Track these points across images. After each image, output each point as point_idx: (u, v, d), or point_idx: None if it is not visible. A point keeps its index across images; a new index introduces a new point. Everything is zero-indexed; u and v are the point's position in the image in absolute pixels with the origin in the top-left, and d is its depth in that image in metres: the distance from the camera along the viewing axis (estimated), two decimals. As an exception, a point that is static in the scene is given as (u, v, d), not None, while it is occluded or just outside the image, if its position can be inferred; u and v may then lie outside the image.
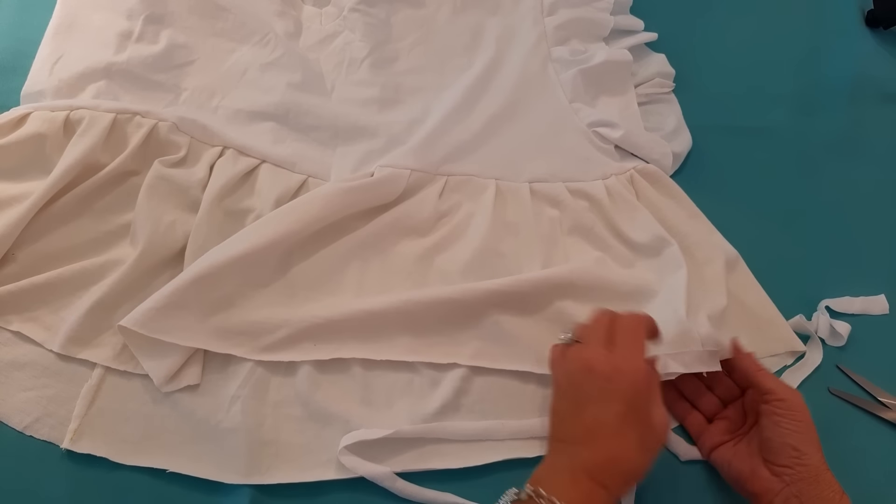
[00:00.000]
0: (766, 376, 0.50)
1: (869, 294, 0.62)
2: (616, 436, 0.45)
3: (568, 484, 0.43)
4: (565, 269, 0.57)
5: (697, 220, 0.63)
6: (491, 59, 0.69)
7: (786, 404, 0.48)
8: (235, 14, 0.68)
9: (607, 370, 0.46)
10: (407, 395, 0.54)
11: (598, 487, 0.43)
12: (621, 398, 0.45)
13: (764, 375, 0.50)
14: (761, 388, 0.50)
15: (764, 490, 0.48)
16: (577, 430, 0.46)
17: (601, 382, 0.46)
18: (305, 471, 0.51)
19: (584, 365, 0.47)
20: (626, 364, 0.46)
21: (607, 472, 0.44)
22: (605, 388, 0.45)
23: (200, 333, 0.52)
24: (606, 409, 0.45)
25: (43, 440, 0.50)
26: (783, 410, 0.48)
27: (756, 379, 0.50)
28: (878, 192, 0.69)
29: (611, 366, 0.46)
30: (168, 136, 0.60)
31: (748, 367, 0.51)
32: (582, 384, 0.47)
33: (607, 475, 0.44)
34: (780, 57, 0.77)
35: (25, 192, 0.56)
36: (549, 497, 0.42)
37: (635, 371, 0.46)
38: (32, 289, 0.53)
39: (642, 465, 0.45)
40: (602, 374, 0.46)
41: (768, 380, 0.50)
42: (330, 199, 0.57)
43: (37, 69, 0.63)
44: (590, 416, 0.45)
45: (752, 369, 0.51)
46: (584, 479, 0.44)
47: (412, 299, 0.54)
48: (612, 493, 0.44)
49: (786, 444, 0.47)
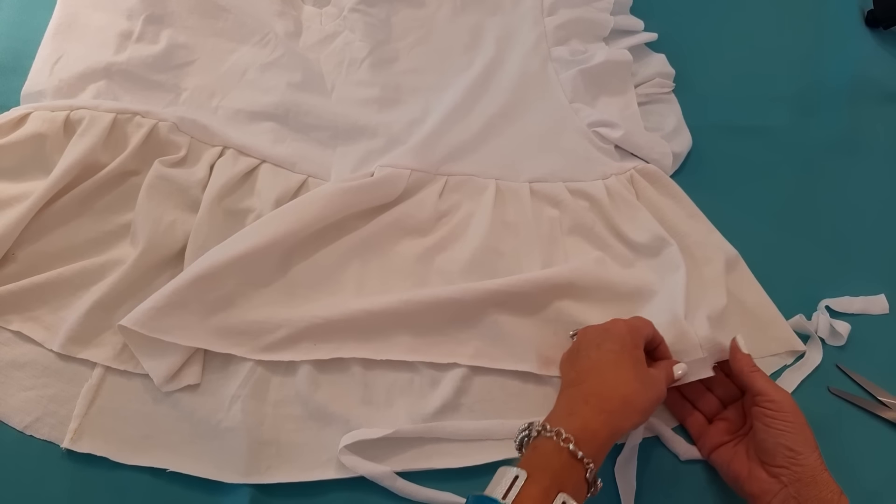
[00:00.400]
0: (758, 377, 0.50)
1: (869, 294, 0.62)
2: (612, 368, 0.47)
3: (566, 417, 0.45)
4: (565, 269, 0.57)
5: (697, 219, 0.63)
6: (491, 59, 0.69)
7: (776, 405, 0.48)
8: (235, 14, 0.68)
9: (605, 325, 0.51)
10: (407, 395, 0.54)
11: (597, 412, 0.44)
12: (616, 339, 0.48)
13: (757, 376, 0.50)
14: (753, 388, 0.50)
15: (761, 491, 0.48)
16: (575, 374, 0.48)
17: (598, 332, 0.50)
18: (305, 470, 0.51)
19: (581, 332, 0.52)
20: (622, 321, 0.50)
21: (604, 398, 0.45)
22: (600, 335, 0.49)
23: (200, 333, 0.52)
24: (601, 349, 0.48)
25: (43, 440, 0.51)
26: (773, 411, 0.48)
27: (749, 379, 0.50)
28: (877, 192, 0.69)
29: (610, 321, 0.51)
30: (168, 135, 0.60)
31: (742, 368, 0.51)
32: (580, 342, 0.50)
33: (605, 400, 0.45)
34: (780, 57, 0.77)
35: (26, 192, 0.56)
36: (552, 428, 0.43)
37: (632, 325, 0.50)
38: (33, 288, 0.53)
39: (641, 394, 0.46)
40: (599, 327, 0.51)
41: (760, 381, 0.50)
42: (330, 199, 0.57)
43: (37, 69, 0.63)
44: (586, 359, 0.48)
45: (746, 370, 0.51)
46: (580, 406, 0.45)
47: (412, 299, 0.54)
48: (614, 417, 0.44)
49: (779, 445, 0.47)
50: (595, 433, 0.43)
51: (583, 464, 0.42)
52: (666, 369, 0.50)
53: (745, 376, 0.51)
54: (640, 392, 0.46)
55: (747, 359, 0.52)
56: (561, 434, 0.42)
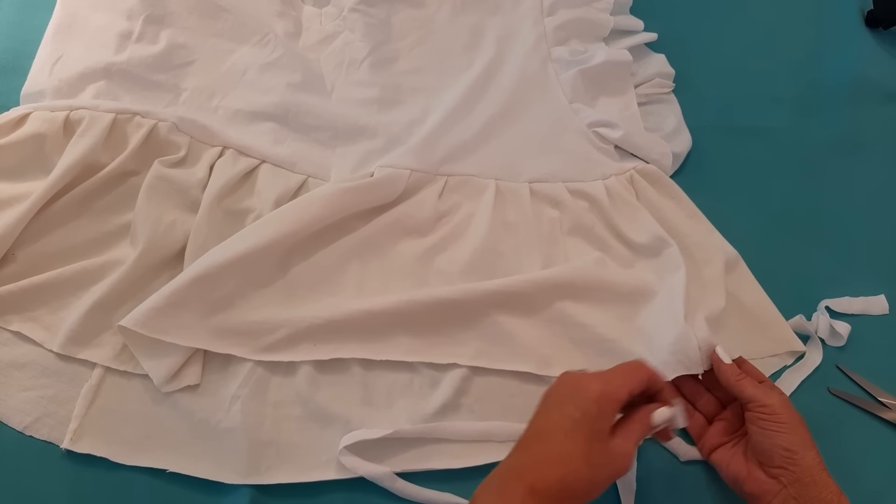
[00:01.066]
0: (746, 385, 0.50)
1: (869, 294, 0.62)
2: (563, 440, 0.42)
3: (495, 498, 0.40)
4: (565, 269, 0.57)
5: (697, 220, 0.63)
6: (491, 59, 0.69)
7: (769, 408, 0.48)
8: (235, 14, 0.68)
9: (579, 382, 0.44)
10: (407, 395, 0.54)
11: (530, 492, 0.40)
12: (579, 406, 0.43)
13: (744, 384, 0.50)
14: (742, 396, 0.50)
15: (761, 491, 0.48)
16: (527, 433, 0.44)
17: (567, 391, 0.44)
18: (305, 471, 0.51)
19: (562, 377, 0.46)
20: (599, 380, 0.44)
21: (542, 476, 0.40)
22: (568, 393, 0.44)
23: (200, 333, 0.52)
24: (560, 411, 0.43)
25: (43, 440, 0.51)
26: (766, 414, 0.48)
27: (737, 388, 0.50)
28: (878, 192, 0.69)
29: (583, 379, 0.44)
30: (168, 136, 0.60)
31: (728, 378, 0.51)
32: (551, 393, 0.45)
33: (541, 479, 0.40)
34: (780, 57, 0.77)
35: (25, 192, 0.56)
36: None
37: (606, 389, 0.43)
38: (32, 289, 0.53)
39: (585, 479, 0.41)
40: (571, 384, 0.44)
41: (748, 388, 0.50)
42: (330, 199, 0.57)
43: (37, 69, 0.63)
44: (544, 419, 0.44)
45: (733, 380, 0.50)
46: (514, 486, 0.40)
47: (412, 299, 0.54)
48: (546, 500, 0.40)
49: (775, 446, 0.47)
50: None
51: None
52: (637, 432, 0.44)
53: (732, 386, 0.50)
54: (583, 476, 0.41)
55: (731, 368, 0.51)
56: None
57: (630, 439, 0.43)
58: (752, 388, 0.50)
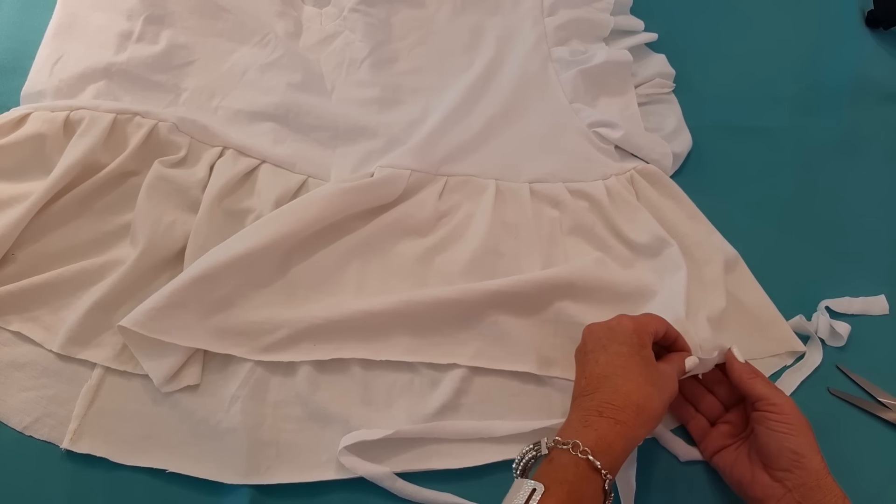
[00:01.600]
0: (758, 383, 0.50)
1: (869, 294, 0.62)
2: (622, 373, 0.46)
3: (581, 429, 0.44)
4: (565, 269, 0.57)
5: (697, 220, 0.63)
6: (491, 59, 0.69)
7: (778, 408, 0.48)
8: (235, 14, 0.68)
9: (610, 323, 0.49)
10: (407, 395, 0.54)
11: (612, 423, 0.43)
12: (623, 340, 0.47)
13: (756, 382, 0.50)
14: (753, 394, 0.50)
15: (765, 495, 0.47)
16: (586, 383, 0.47)
17: (604, 333, 0.49)
18: (305, 471, 0.51)
19: (588, 329, 0.51)
20: (628, 318, 0.49)
21: (618, 407, 0.44)
22: (607, 337, 0.48)
23: (200, 333, 0.52)
24: (609, 352, 0.47)
25: (43, 440, 0.50)
26: (775, 415, 0.48)
27: (748, 386, 0.50)
28: (878, 192, 0.69)
29: (614, 320, 0.49)
30: (168, 136, 0.60)
31: (741, 376, 0.51)
32: (587, 344, 0.49)
33: (618, 410, 0.44)
34: (781, 57, 0.77)
35: (25, 193, 0.56)
36: (568, 441, 0.42)
37: (639, 323, 0.49)
38: (32, 289, 0.53)
39: (654, 399, 0.45)
40: (604, 326, 0.49)
41: (760, 386, 0.50)
42: (330, 199, 0.57)
43: (37, 69, 0.64)
44: (594, 364, 0.47)
45: (745, 377, 0.51)
46: (595, 419, 0.44)
47: (412, 299, 0.54)
48: (630, 428, 0.44)
49: (783, 448, 0.47)
50: (611, 445, 0.43)
51: (601, 475, 0.42)
52: (677, 363, 0.50)
53: (744, 384, 0.50)
54: (652, 397, 0.45)
55: (745, 367, 0.51)
56: (578, 446, 0.42)
57: (673, 367, 0.49)
58: (763, 387, 0.50)
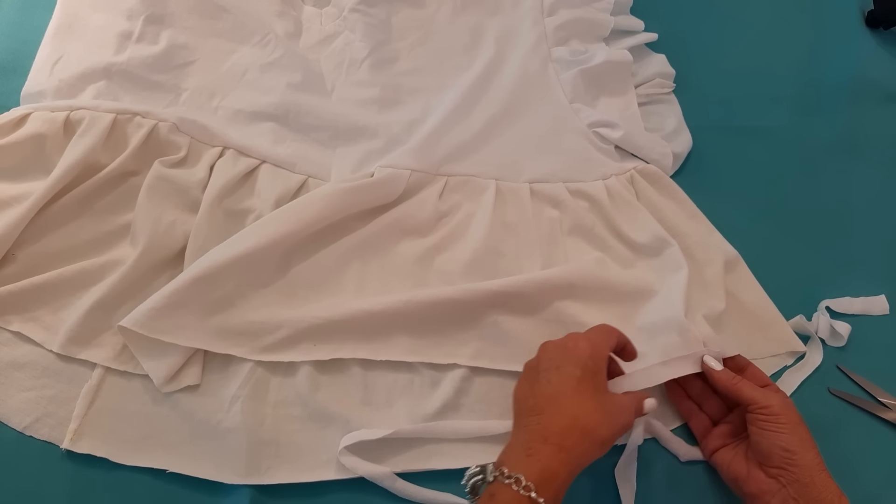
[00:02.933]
0: (743, 388, 0.50)
1: (869, 294, 0.62)
2: (572, 396, 0.45)
3: (524, 459, 0.42)
4: (565, 269, 0.57)
5: (697, 220, 0.63)
6: (491, 59, 0.69)
7: (769, 410, 0.48)
8: (235, 14, 0.68)
9: (567, 343, 0.48)
10: (407, 395, 0.54)
11: (556, 450, 0.42)
12: (577, 363, 0.46)
13: (741, 387, 0.50)
14: (741, 399, 0.50)
15: (760, 491, 0.48)
16: (534, 402, 0.46)
17: (559, 353, 0.47)
18: (305, 471, 0.51)
19: (543, 346, 0.49)
20: (585, 339, 0.48)
21: (564, 433, 0.43)
22: (562, 358, 0.47)
23: (200, 333, 0.52)
24: (562, 374, 0.46)
25: (43, 440, 0.51)
26: (766, 415, 0.48)
27: (734, 393, 0.50)
28: (878, 192, 0.69)
29: (570, 340, 0.48)
30: (168, 136, 0.60)
31: (725, 384, 0.51)
32: (541, 361, 0.48)
33: (565, 436, 0.43)
34: (780, 57, 0.77)
35: (26, 193, 0.56)
36: (511, 474, 0.41)
37: (595, 346, 0.47)
38: (32, 289, 0.53)
39: (602, 426, 0.44)
40: (561, 347, 0.48)
41: (746, 390, 0.50)
42: (330, 199, 0.57)
43: (37, 69, 0.64)
44: (546, 384, 0.46)
45: (729, 385, 0.51)
46: (538, 446, 0.43)
47: (412, 299, 0.54)
48: (573, 456, 0.43)
49: (774, 446, 0.47)
50: (555, 475, 0.42)
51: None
52: (637, 399, 0.48)
53: (729, 391, 0.51)
54: (600, 423, 0.44)
55: (724, 374, 0.51)
56: (521, 482, 0.41)
57: (632, 401, 0.47)
58: (750, 391, 0.50)
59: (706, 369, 0.52)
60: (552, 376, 0.46)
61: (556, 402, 0.45)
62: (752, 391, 0.50)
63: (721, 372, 0.51)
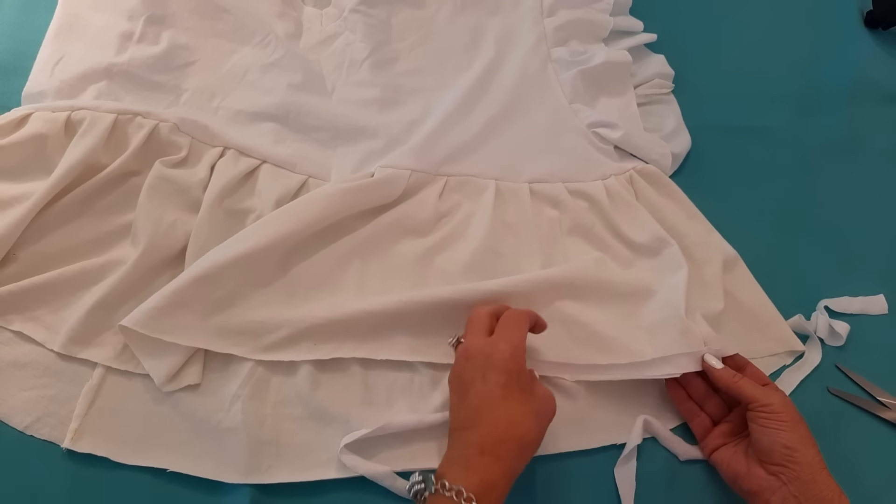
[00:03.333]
0: (744, 386, 0.50)
1: (868, 294, 0.62)
2: (502, 405, 0.45)
3: (463, 472, 0.43)
4: (565, 269, 0.57)
5: (696, 220, 0.63)
6: (491, 59, 0.69)
7: (770, 408, 0.48)
8: (236, 15, 0.68)
9: (486, 349, 0.47)
10: (407, 395, 0.54)
11: (494, 461, 0.43)
12: (501, 369, 0.46)
13: (742, 385, 0.50)
14: (741, 397, 0.50)
15: (760, 488, 0.48)
16: (465, 414, 0.46)
17: (481, 360, 0.47)
18: (305, 470, 0.51)
19: (464, 353, 0.49)
20: (503, 340, 0.48)
21: (499, 443, 0.44)
22: (485, 366, 0.47)
23: (201, 333, 0.52)
24: (488, 383, 0.46)
25: (44, 440, 0.51)
26: (767, 413, 0.48)
27: (735, 390, 0.50)
28: (877, 192, 0.69)
29: (489, 345, 0.48)
30: (169, 136, 0.60)
31: (726, 382, 0.51)
32: (464, 371, 0.48)
33: (500, 446, 0.44)
34: (780, 57, 0.77)
35: (27, 193, 0.56)
36: (452, 486, 0.42)
37: (514, 345, 0.47)
38: (33, 289, 0.54)
39: (534, 430, 0.45)
40: (481, 354, 0.47)
41: (747, 389, 0.50)
42: (330, 199, 0.57)
43: (38, 70, 0.64)
44: (474, 396, 0.46)
45: (730, 383, 0.51)
46: (476, 458, 0.43)
47: (412, 299, 0.54)
48: (509, 464, 0.43)
49: (775, 443, 0.47)
50: (494, 485, 0.42)
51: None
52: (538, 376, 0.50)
53: (730, 389, 0.51)
54: (532, 428, 0.45)
55: (725, 372, 0.51)
56: (462, 493, 0.41)
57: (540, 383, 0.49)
58: (751, 389, 0.50)
59: (707, 367, 0.52)
60: (478, 386, 0.46)
61: (488, 412, 0.45)
62: (753, 389, 0.50)
63: (722, 370, 0.51)
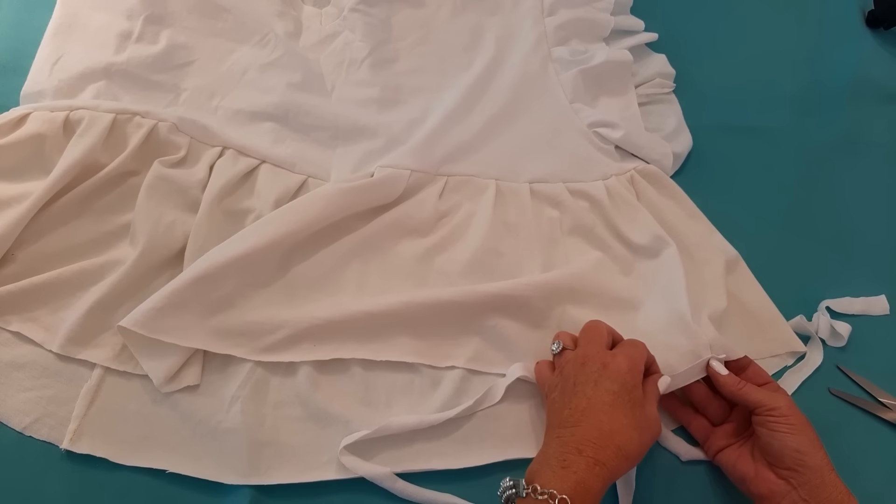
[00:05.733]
0: (749, 391, 0.50)
1: (869, 294, 0.62)
2: (609, 411, 0.45)
3: (559, 471, 0.43)
4: (566, 273, 0.57)
5: (697, 220, 0.63)
6: (491, 59, 0.69)
7: (778, 411, 0.48)
8: (235, 14, 0.68)
9: (605, 359, 0.48)
10: (407, 396, 0.54)
11: (591, 463, 0.43)
12: (615, 379, 0.47)
13: (747, 391, 0.50)
14: (748, 403, 0.50)
15: (770, 492, 0.47)
16: (569, 413, 0.46)
17: (596, 367, 0.48)
18: (305, 471, 0.51)
19: (581, 358, 0.49)
20: (623, 355, 0.48)
21: (600, 446, 0.44)
22: (599, 372, 0.48)
23: (200, 334, 0.52)
24: (599, 389, 0.47)
25: (42, 440, 0.50)
26: (776, 417, 0.48)
27: (741, 396, 0.50)
28: (878, 192, 0.69)
29: (608, 355, 0.49)
30: (168, 136, 0.60)
31: (731, 389, 0.51)
32: (576, 374, 0.48)
33: (600, 449, 0.44)
34: (781, 57, 0.77)
35: (25, 193, 0.56)
36: (545, 490, 0.42)
37: (633, 362, 0.48)
38: (32, 289, 0.53)
39: (635, 443, 0.45)
40: (598, 362, 0.48)
41: (752, 394, 0.50)
42: (330, 199, 0.57)
43: (37, 69, 0.63)
44: (582, 397, 0.46)
45: (735, 389, 0.51)
46: (575, 459, 0.43)
47: (412, 301, 0.54)
48: (608, 469, 0.43)
49: (786, 447, 0.47)
50: (589, 488, 0.42)
51: None
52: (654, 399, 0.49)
53: (736, 396, 0.51)
54: (634, 440, 0.45)
55: (730, 378, 0.51)
56: (555, 496, 0.41)
57: (654, 405, 0.49)
58: (756, 394, 0.50)
59: (712, 374, 0.52)
60: (588, 390, 0.47)
61: (592, 415, 0.45)
62: (759, 394, 0.50)
63: (727, 377, 0.51)
